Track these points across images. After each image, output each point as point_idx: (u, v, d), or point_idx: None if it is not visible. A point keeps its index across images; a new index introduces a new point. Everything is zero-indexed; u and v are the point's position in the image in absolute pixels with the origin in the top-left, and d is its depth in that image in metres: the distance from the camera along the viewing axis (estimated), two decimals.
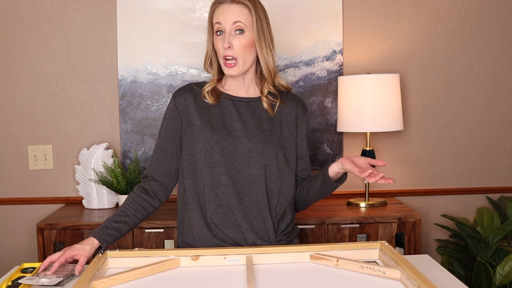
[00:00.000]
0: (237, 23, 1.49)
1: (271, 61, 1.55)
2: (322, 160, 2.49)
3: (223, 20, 1.50)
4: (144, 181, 1.62)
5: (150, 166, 1.62)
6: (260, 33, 1.52)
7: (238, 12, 1.50)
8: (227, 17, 1.49)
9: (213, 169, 1.52)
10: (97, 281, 1.21)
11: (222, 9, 1.51)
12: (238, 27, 1.50)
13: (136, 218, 1.55)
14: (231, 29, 1.50)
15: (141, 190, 1.59)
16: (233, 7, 1.50)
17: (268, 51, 1.54)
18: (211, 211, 1.53)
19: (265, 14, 1.56)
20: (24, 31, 2.42)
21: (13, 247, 2.50)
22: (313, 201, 1.63)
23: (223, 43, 1.49)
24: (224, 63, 1.52)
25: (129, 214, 1.53)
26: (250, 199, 1.53)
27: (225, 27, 1.50)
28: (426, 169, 2.57)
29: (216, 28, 1.52)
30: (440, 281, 1.24)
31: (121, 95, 2.43)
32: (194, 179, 1.55)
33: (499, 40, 2.54)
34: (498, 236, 2.18)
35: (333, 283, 1.22)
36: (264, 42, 1.54)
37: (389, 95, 2.24)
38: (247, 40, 1.51)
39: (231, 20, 1.49)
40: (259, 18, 1.53)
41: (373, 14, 2.49)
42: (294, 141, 1.60)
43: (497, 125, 2.59)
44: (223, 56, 1.51)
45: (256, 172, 1.53)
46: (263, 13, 1.55)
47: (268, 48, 1.54)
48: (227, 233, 1.53)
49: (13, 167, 2.47)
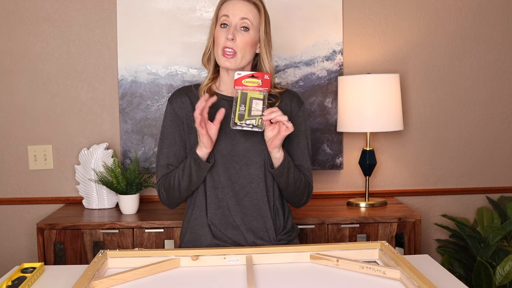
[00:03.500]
0: (244, 20, 1.49)
1: (271, 65, 1.57)
2: (322, 160, 2.49)
3: (232, 14, 1.49)
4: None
5: (164, 170, 1.58)
6: (266, 36, 1.54)
7: (247, 9, 1.50)
8: (236, 12, 1.49)
9: (213, 170, 1.52)
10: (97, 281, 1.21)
11: (233, 4, 1.50)
12: (244, 24, 1.50)
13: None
14: (237, 24, 1.50)
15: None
16: (244, 3, 1.50)
17: (269, 54, 1.56)
18: (212, 212, 1.54)
19: (269, 17, 1.57)
20: (24, 31, 2.42)
21: (13, 247, 2.50)
22: (289, 195, 1.59)
23: (227, 34, 1.49)
24: (222, 53, 1.50)
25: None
26: (249, 199, 1.53)
27: (232, 21, 1.50)
28: (426, 169, 2.57)
29: (222, 21, 1.51)
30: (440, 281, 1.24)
31: (121, 95, 2.43)
32: None
33: (499, 40, 2.54)
34: (498, 236, 2.18)
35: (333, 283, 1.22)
36: (268, 45, 1.56)
37: (389, 95, 2.24)
38: (251, 39, 1.51)
39: (240, 16, 1.49)
40: (266, 20, 1.55)
41: (373, 14, 2.49)
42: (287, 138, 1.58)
43: (497, 125, 2.59)
44: (223, 47, 1.50)
45: (256, 172, 1.53)
46: (268, 16, 1.57)
47: (270, 51, 1.56)
48: (227, 234, 1.54)
49: (13, 167, 2.47)
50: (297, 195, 1.60)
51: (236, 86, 1.43)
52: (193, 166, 1.49)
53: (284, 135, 1.42)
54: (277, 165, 1.50)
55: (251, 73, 1.43)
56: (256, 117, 1.41)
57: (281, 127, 1.42)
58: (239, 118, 1.42)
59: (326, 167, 2.50)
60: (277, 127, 1.43)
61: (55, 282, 1.29)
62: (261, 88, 1.43)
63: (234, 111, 1.42)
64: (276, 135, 1.43)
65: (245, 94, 1.42)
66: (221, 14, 1.52)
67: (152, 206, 2.40)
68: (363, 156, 2.35)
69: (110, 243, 2.13)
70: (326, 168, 2.50)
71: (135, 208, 2.28)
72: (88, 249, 2.14)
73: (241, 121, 1.42)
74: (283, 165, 1.49)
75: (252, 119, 1.41)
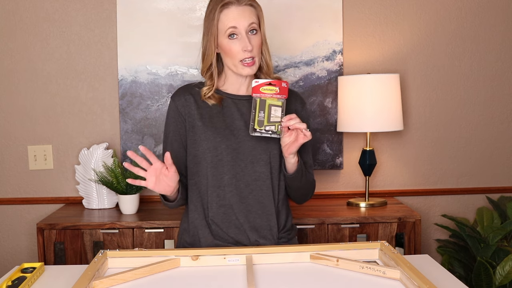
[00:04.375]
0: (251, 25, 1.48)
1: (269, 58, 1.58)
2: (322, 160, 2.49)
3: (239, 24, 1.47)
4: None
5: None
6: (264, 32, 1.55)
7: (249, 13, 1.49)
8: (242, 21, 1.47)
9: (216, 169, 1.52)
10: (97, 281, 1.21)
11: (234, 13, 1.47)
12: (252, 27, 1.49)
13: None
14: (247, 31, 1.48)
15: None
16: (244, 8, 1.48)
17: (267, 49, 1.57)
18: (213, 212, 1.54)
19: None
20: (24, 31, 2.42)
21: (13, 247, 2.50)
22: (297, 194, 1.61)
23: (245, 46, 1.47)
24: (241, 64, 1.49)
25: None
26: (254, 197, 1.53)
27: (241, 31, 1.47)
28: (426, 169, 2.57)
29: (230, 32, 1.48)
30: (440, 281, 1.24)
31: (121, 95, 2.43)
32: (197, 180, 1.55)
33: (499, 40, 2.54)
34: (498, 236, 2.18)
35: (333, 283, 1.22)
36: (266, 41, 1.57)
37: (389, 95, 2.24)
38: (260, 39, 1.52)
39: (247, 22, 1.48)
40: (263, 17, 1.55)
41: (373, 14, 2.49)
42: None
43: (497, 125, 2.59)
44: (243, 59, 1.49)
45: (261, 170, 1.53)
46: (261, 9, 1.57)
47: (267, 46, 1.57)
48: (229, 233, 1.54)
49: (13, 167, 2.47)
50: (304, 194, 1.63)
51: (254, 94, 1.44)
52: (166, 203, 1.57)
53: (302, 142, 1.43)
54: (293, 171, 1.52)
55: (268, 81, 1.44)
56: (276, 124, 1.43)
57: (299, 134, 1.43)
58: (259, 124, 1.43)
59: (326, 167, 2.50)
60: (294, 133, 1.43)
61: (55, 282, 1.29)
62: (279, 96, 1.44)
63: (253, 117, 1.42)
64: (293, 142, 1.44)
65: (263, 101, 1.43)
66: (225, 26, 1.48)
67: (152, 206, 2.40)
68: (363, 156, 2.35)
69: (110, 243, 2.13)
70: (326, 168, 2.50)
71: (135, 208, 2.28)
72: (88, 249, 2.14)
73: (260, 127, 1.43)
74: (298, 170, 1.51)
75: (271, 125, 1.43)
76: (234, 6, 1.47)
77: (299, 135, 1.43)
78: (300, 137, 1.42)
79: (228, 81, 1.58)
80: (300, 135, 1.42)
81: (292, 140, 1.44)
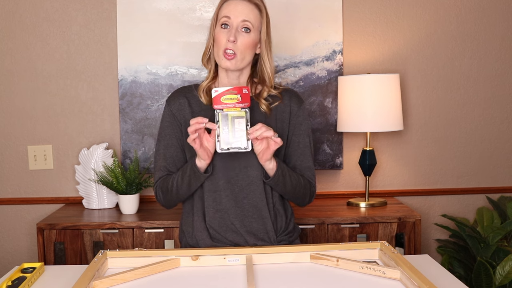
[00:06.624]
0: (245, 22, 1.48)
1: (272, 65, 1.56)
2: (322, 160, 2.49)
3: (233, 15, 1.48)
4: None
5: (162, 172, 1.59)
6: (267, 37, 1.54)
7: (249, 10, 1.49)
8: (237, 13, 1.48)
9: (211, 173, 1.52)
10: (97, 281, 1.21)
11: (234, 5, 1.49)
12: (245, 25, 1.49)
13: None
14: (239, 25, 1.49)
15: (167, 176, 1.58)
16: (245, 4, 1.49)
17: (270, 56, 1.56)
18: (210, 216, 1.54)
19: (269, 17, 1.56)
20: (24, 31, 2.42)
21: (13, 247, 2.50)
22: (290, 198, 1.59)
23: (228, 36, 1.47)
24: (223, 55, 1.49)
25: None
26: (248, 201, 1.53)
27: (233, 22, 1.49)
28: (426, 169, 2.57)
29: (223, 21, 1.49)
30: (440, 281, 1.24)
31: (121, 95, 2.43)
32: None
33: (499, 40, 2.54)
34: (498, 236, 2.18)
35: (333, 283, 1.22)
36: (269, 45, 1.55)
37: (389, 95, 2.24)
38: (252, 40, 1.50)
39: (241, 17, 1.48)
40: (267, 21, 1.54)
41: (373, 14, 2.49)
42: (285, 138, 1.58)
43: (497, 125, 2.59)
44: (224, 48, 1.49)
45: (254, 174, 1.52)
46: (269, 16, 1.56)
47: (270, 52, 1.56)
48: (227, 237, 1.54)
49: (13, 167, 2.47)
50: (298, 198, 1.59)
51: (215, 105, 1.39)
52: (192, 176, 1.49)
53: (274, 149, 1.41)
54: (271, 175, 1.49)
55: (228, 88, 1.39)
56: (241, 138, 1.39)
57: (269, 141, 1.41)
58: (224, 142, 1.38)
59: (326, 167, 2.50)
60: (265, 141, 1.41)
61: (55, 282, 1.30)
62: (241, 104, 1.39)
63: (218, 134, 1.38)
64: (266, 149, 1.42)
65: (225, 115, 1.39)
66: (222, 14, 1.50)
67: (152, 206, 2.40)
68: (363, 156, 2.35)
69: (110, 243, 2.13)
70: (326, 168, 2.50)
71: (135, 208, 2.28)
72: (88, 249, 2.14)
73: (226, 145, 1.38)
74: (277, 174, 1.48)
75: (237, 140, 1.38)
76: (238, 0, 1.49)
77: (270, 142, 1.41)
78: (271, 144, 1.40)
79: (221, 82, 1.59)
80: (271, 142, 1.40)
81: (264, 147, 1.42)
